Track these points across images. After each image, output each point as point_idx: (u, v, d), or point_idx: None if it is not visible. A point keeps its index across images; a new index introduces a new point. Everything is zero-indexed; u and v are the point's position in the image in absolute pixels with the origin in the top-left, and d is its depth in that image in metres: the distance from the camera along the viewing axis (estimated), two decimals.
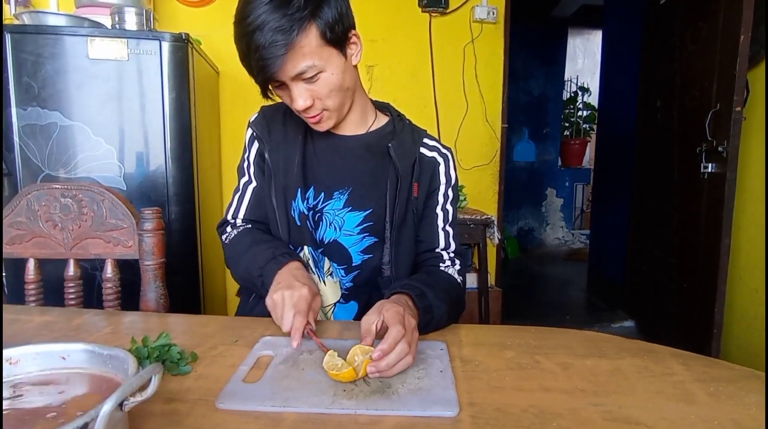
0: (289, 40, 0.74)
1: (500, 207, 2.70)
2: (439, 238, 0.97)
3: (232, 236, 0.95)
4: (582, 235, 5.33)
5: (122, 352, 0.43)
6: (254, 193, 0.98)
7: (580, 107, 5.38)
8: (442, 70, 2.58)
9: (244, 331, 0.77)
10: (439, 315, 0.78)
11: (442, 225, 0.98)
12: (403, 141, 0.95)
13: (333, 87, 0.82)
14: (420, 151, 0.96)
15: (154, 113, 1.66)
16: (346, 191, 0.92)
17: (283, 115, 0.97)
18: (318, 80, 0.80)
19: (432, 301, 0.78)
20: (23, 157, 1.61)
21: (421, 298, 0.77)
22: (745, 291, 2.10)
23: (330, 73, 0.80)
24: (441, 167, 0.98)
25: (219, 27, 2.29)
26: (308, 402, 0.54)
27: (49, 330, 0.77)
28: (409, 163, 0.93)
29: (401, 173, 0.91)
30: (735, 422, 0.51)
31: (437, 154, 0.98)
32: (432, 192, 0.97)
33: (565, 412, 0.53)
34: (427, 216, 0.97)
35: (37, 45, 1.57)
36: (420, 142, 0.98)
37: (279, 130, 0.95)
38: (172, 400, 0.55)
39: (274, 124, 0.96)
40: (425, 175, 0.96)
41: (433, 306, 0.78)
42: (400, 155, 0.92)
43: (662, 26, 2.54)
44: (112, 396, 0.33)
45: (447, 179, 0.98)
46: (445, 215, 0.98)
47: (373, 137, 0.96)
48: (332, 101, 0.83)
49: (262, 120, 0.97)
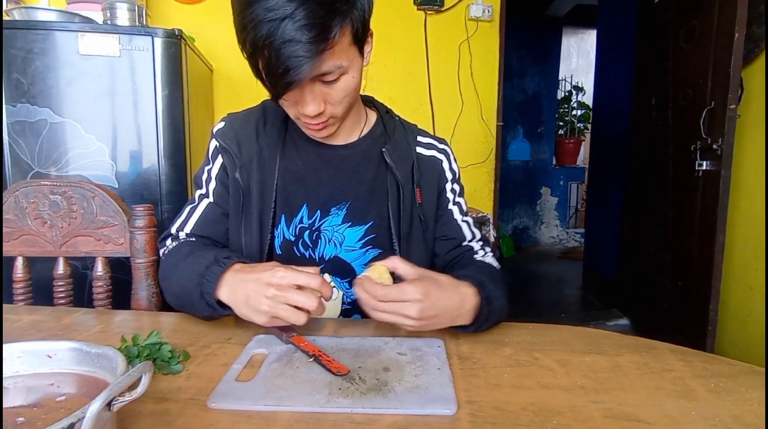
0: (330, 35, 0.61)
1: (496, 205, 2.70)
2: (463, 231, 0.91)
3: (169, 249, 0.82)
4: (576, 234, 5.35)
5: (111, 350, 0.42)
6: (209, 209, 0.86)
7: (575, 106, 5.40)
8: (437, 68, 2.57)
9: (237, 329, 0.76)
10: (500, 307, 0.73)
11: (461, 217, 0.92)
12: (398, 143, 0.88)
13: (349, 91, 0.72)
14: (417, 152, 0.89)
15: (147, 110, 1.64)
16: (344, 206, 0.85)
17: (255, 127, 0.85)
18: (338, 83, 0.70)
19: (491, 292, 0.71)
20: (12, 155, 1.58)
21: (482, 287, 0.71)
22: (739, 288, 2.11)
23: (351, 76, 0.71)
24: (444, 164, 0.92)
25: (213, 24, 2.27)
26: (303, 401, 0.53)
27: (38, 329, 0.76)
28: (407, 167, 0.86)
29: (401, 181, 0.84)
30: (736, 418, 0.51)
31: (436, 152, 0.92)
32: (441, 191, 0.91)
33: (564, 409, 0.52)
34: (444, 214, 0.91)
35: (27, 41, 1.55)
36: (414, 141, 0.91)
37: (252, 146, 0.84)
38: (162, 400, 0.54)
39: (245, 138, 0.84)
40: (429, 177, 0.89)
41: (492, 297, 0.71)
42: (396, 160, 0.85)
43: (656, 25, 2.54)
44: (100, 395, 0.31)
45: (453, 175, 0.93)
46: (460, 208, 0.93)
47: (366, 142, 0.88)
48: (343, 107, 0.74)
49: (230, 132, 0.85)
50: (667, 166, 2.38)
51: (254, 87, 0.96)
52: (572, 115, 5.40)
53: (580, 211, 5.36)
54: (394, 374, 0.60)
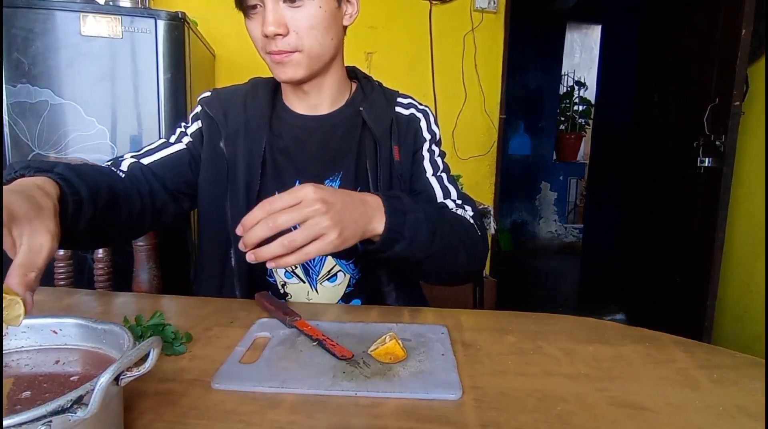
0: None
1: (497, 197, 2.70)
2: (432, 187, 0.87)
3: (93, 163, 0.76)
4: (575, 229, 5.35)
5: (117, 326, 0.42)
6: (178, 157, 0.83)
7: (576, 101, 5.38)
8: (441, 59, 2.55)
9: (240, 313, 0.75)
10: (415, 222, 0.66)
11: (432, 172, 0.88)
12: (374, 102, 0.87)
13: (315, 23, 0.73)
14: (396, 111, 0.89)
15: (149, 94, 1.63)
16: (337, 176, 0.85)
17: (244, 99, 0.86)
18: (302, 8, 0.72)
19: (407, 206, 0.67)
20: (12, 136, 1.57)
21: (390, 199, 0.66)
22: (736, 285, 2.12)
23: (317, 5, 0.72)
24: (423, 123, 0.90)
25: (216, 8, 2.25)
26: (307, 383, 0.53)
27: (39, 309, 0.75)
28: (386, 125, 0.85)
29: (379, 137, 0.83)
30: (740, 408, 0.51)
31: (415, 111, 0.91)
32: (417, 151, 0.89)
33: (569, 396, 0.52)
34: (416, 172, 0.88)
35: (28, 20, 1.53)
36: (394, 102, 0.90)
37: (239, 117, 0.84)
38: (166, 380, 0.54)
39: (232, 108, 0.84)
40: (406, 135, 0.87)
41: (407, 210, 0.66)
42: (374, 118, 0.84)
43: (661, 20, 2.53)
44: (110, 368, 0.31)
45: (431, 135, 0.90)
46: (434, 166, 0.89)
47: (349, 110, 0.87)
48: (309, 41, 0.74)
49: (216, 101, 0.85)
50: (669, 162, 2.38)
51: (256, 74, 0.95)
52: (573, 111, 5.38)
53: (579, 207, 5.37)
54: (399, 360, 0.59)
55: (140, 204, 0.76)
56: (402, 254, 0.68)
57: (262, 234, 0.56)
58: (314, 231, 0.58)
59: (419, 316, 0.76)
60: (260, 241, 0.57)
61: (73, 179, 0.58)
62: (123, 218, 0.72)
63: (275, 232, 0.56)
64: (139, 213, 0.76)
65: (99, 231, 0.68)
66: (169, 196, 0.82)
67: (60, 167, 0.57)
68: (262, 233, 0.56)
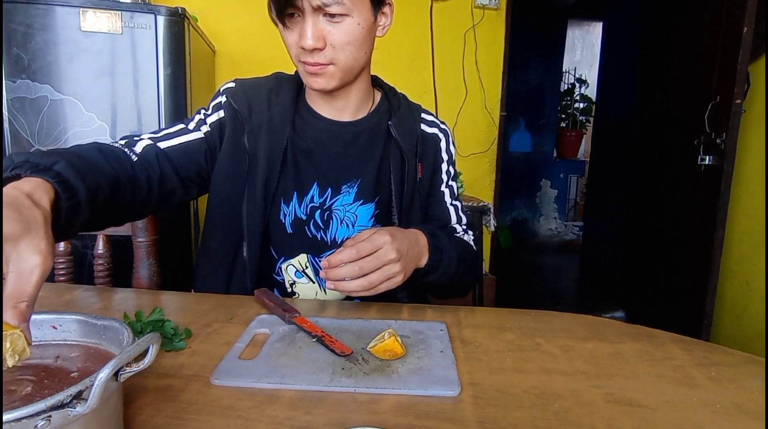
0: None
1: (497, 194, 2.70)
2: (450, 214, 0.94)
3: (105, 143, 0.74)
4: (575, 227, 5.35)
5: (117, 322, 0.42)
6: (195, 145, 0.81)
7: (577, 99, 5.36)
8: (442, 56, 2.55)
9: (239, 309, 0.75)
10: (448, 259, 0.78)
11: (450, 201, 0.95)
12: (404, 118, 0.89)
13: (352, 39, 0.73)
14: (421, 128, 0.92)
15: (149, 89, 1.63)
16: (354, 183, 0.85)
17: (268, 95, 0.84)
18: (341, 23, 0.72)
19: (444, 244, 0.77)
20: (12, 132, 1.57)
21: (433, 237, 0.76)
22: (735, 283, 2.12)
23: (357, 22, 0.72)
24: (443, 144, 0.94)
25: (216, 4, 2.24)
26: (306, 379, 0.53)
27: (38, 304, 0.75)
28: (412, 142, 0.88)
29: (407, 154, 0.86)
30: (737, 405, 0.51)
31: (438, 131, 0.94)
32: (436, 170, 0.93)
33: (566, 393, 0.53)
34: (434, 194, 0.94)
35: (28, 15, 1.53)
36: (419, 117, 0.93)
37: (263, 113, 0.82)
38: (165, 376, 0.54)
39: (256, 103, 0.83)
40: (428, 153, 0.92)
41: (443, 248, 0.77)
42: (402, 134, 0.87)
43: (662, 17, 2.52)
44: (109, 363, 0.31)
45: (449, 156, 0.95)
46: (451, 191, 0.96)
47: (373, 119, 0.89)
48: (344, 56, 0.74)
49: (241, 94, 0.84)
50: (669, 160, 2.38)
51: (256, 70, 0.95)
52: (574, 108, 5.37)
53: (579, 205, 5.36)
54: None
55: (147, 190, 0.74)
56: (430, 281, 0.80)
57: (347, 275, 0.66)
58: (388, 274, 0.67)
59: (418, 313, 0.76)
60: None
61: (73, 180, 0.53)
62: (125, 205, 0.70)
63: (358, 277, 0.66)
64: (144, 199, 0.74)
65: (94, 224, 0.66)
66: (180, 182, 0.81)
67: (60, 165, 0.52)
68: (348, 275, 0.66)
